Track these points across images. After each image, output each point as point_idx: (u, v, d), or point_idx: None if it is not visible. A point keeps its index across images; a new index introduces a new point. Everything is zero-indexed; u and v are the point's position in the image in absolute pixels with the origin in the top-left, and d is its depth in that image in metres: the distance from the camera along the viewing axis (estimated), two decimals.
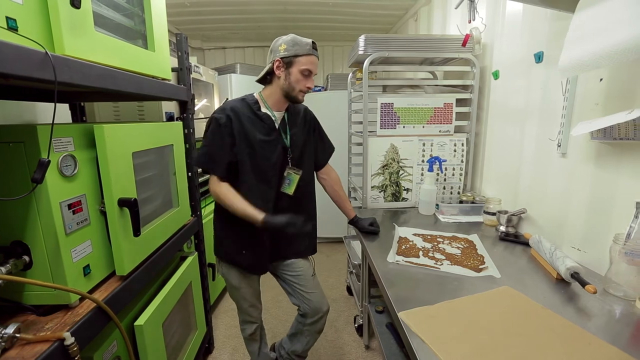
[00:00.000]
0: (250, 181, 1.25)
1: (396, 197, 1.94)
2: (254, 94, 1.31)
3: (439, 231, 1.51)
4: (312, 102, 1.81)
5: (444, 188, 1.93)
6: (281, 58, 1.19)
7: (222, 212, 1.30)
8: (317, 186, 1.47)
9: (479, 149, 1.92)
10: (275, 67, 1.21)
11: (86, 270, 0.89)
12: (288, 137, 1.30)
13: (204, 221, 1.87)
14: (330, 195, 1.53)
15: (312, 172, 1.43)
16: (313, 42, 1.21)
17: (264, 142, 1.25)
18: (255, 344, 1.54)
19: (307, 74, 1.21)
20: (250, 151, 1.24)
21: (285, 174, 1.30)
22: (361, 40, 1.76)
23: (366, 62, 1.75)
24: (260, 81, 1.31)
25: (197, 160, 1.27)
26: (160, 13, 1.28)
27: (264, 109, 1.28)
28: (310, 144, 1.39)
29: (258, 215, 1.17)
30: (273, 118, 1.28)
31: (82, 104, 1.60)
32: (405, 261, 1.19)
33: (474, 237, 1.42)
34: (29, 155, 0.76)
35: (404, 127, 1.89)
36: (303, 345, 1.49)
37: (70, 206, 0.84)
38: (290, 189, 1.31)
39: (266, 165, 1.26)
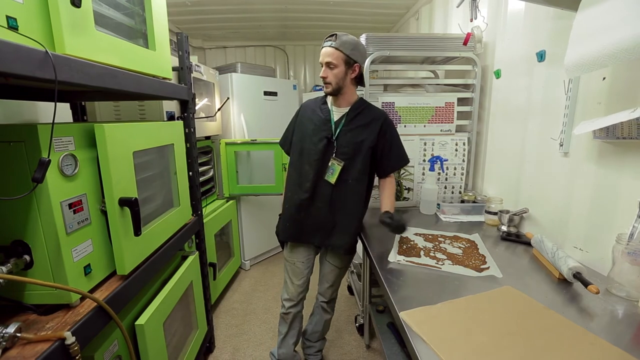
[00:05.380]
0: (296, 159, 1.48)
1: (397, 196, 1.93)
2: None
3: (440, 231, 1.51)
4: None
5: (446, 187, 1.93)
6: None
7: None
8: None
9: (481, 148, 1.91)
10: None
11: (87, 270, 0.89)
12: (338, 131, 1.40)
13: (204, 220, 1.87)
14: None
15: (364, 173, 1.42)
16: (332, 35, 1.31)
17: (315, 130, 1.42)
18: (284, 325, 1.61)
19: (321, 65, 1.34)
20: (301, 135, 1.46)
21: (329, 163, 1.41)
22: (362, 39, 1.76)
23: (367, 61, 1.75)
24: None
25: (280, 140, 1.62)
26: (161, 12, 1.28)
27: (328, 104, 1.46)
28: (365, 146, 1.39)
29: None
30: (330, 112, 1.43)
31: (82, 103, 1.60)
32: (407, 261, 1.19)
33: (475, 237, 1.41)
34: (30, 155, 0.76)
35: (405, 126, 1.89)
36: (312, 326, 1.65)
37: (70, 205, 0.84)
38: (332, 178, 1.40)
39: (311, 148, 1.41)
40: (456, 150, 1.91)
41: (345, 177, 1.39)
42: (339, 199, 1.42)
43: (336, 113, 1.42)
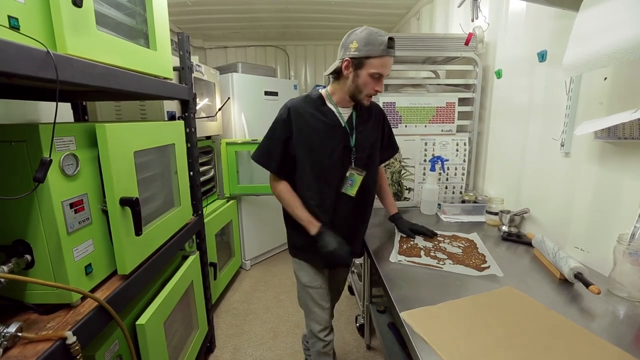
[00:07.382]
0: (309, 179, 1.19)
1: (398, 196, 1.93)
2: (319, 89, 1.23)
3: (440, 230, 1.50)
4: None
5: (446, 187, 1.93)
6: (351, 58, 1.09)
7: None
8: None
9: (482, 148, 1.91)
10: (343, 66, 1.11)
11: (88, 270, 0.89)
12: (354, 135, 1.20)
13: (205, 220, 1.87)
14: (377, 191, 1.42)
15: (376, 176, 1.32)
16: (390, 40, 1.05)
17: (324, 139, 1.17)
18: (328, 358, 1.34)
19: (378, 77, 1.09)
20: (308, 148, 1.17)
21: (347, 174, 1.21)
22: None
23: None
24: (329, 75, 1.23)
25: (254, 155, 1.25)
26: (162, 12, 1.28)
27: (328, 104, 1.20)
28: (377, 143, 1.29)
29: (313, 226, 1.17)
30: (337, 114, 1.19)
31: (83, 103, 1.60)
32: (408, 261, 1.19)
33: (474, 236, 1.41)
34: (31, 155, 0.76)
35: (405, 126, 1.89)
36: None
37: (72, 205, 0.84)
38: (352, 190, 1.22)
39: (325, 163, 1.18)
40: (457, 150, 1.91)
41: (363, 186, 1.23)
42: (357, 210, 1.27)
43: (344, 114, 1.21)
